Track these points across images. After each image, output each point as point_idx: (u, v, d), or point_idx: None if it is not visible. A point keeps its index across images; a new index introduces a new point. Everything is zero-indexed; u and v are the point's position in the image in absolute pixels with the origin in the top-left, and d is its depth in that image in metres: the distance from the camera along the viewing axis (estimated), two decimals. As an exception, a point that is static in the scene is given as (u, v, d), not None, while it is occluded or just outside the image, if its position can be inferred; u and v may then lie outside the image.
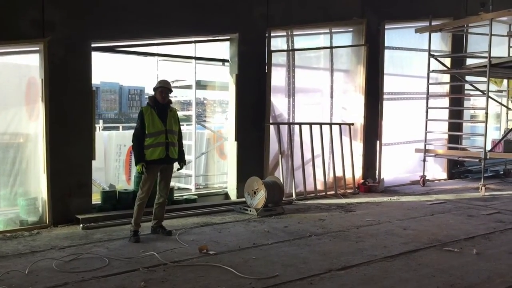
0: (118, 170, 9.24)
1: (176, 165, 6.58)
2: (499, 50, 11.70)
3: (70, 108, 6.91)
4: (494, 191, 10.14)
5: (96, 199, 7.43)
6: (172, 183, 9.00)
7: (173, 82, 9.58)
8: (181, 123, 6.79)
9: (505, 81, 12.31)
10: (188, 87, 9.28)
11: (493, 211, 8.05)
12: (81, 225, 6.64)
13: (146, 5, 7.50)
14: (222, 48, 8.85)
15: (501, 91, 12.52)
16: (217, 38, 8.63)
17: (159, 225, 6.43)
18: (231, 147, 8.78)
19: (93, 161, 7.23)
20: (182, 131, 6.77)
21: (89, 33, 7.02)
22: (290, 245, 5.97)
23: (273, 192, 7.77)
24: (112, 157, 9.23)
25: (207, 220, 7.24)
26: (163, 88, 6.28)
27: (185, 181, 9.52)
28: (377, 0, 10.21)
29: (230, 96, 8.74)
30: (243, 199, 8.03)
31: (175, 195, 8.11)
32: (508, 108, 12.67)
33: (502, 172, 12.26)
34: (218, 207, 7.98)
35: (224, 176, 9.39)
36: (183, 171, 9.56)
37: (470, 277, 4.87)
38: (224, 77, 9.05)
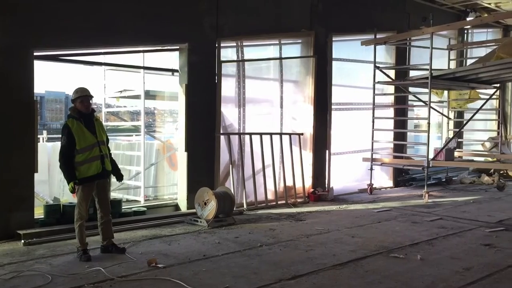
0: (63, 183, 8.91)
1: (110, 179, 6.29)
2: (440, 63, 12.27)
3: (11, 119, 6.62)
4: (437, 198, 10.54)
5: (39, 213, 7.12)
6: (120, 195, 8.84)
7: (121, 92, 9.43)
8: (130, 134, 6.63)
9: (445, 92, 12.88)
10: (137, 97, 9.12)
11: (436, 218, 8.35)
12: (23, 241, 6.33)
13: (91, 14, 7.31)
14: (172, 58, 8.77)
15: (442, 101, 13.08)
16: (166, 47, 8.54)
17: (111, 243, 6.03)
18: (181, 158, 8.68)
19: (36, 174, 6.94)
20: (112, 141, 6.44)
21: (31, 41, 6.76)
22: (241, 255, 5.95)
23: (223, 203, 7.73)
24: (56, 169, 8.88)
25: (156, 232, 7.10)
26: (85, 96, 5.84)
27: (134, 192, 9.32)
28: (325, 13, 10.45)
29: (180, 106, 8.66)
30: (194, 210, 7.94)
31: (123, 207, 7.90)
32: (448, 118, 13.25)
33: (444, 180, 12.76)
34: (168, 219, 7.85)
35: (174, 187, 9.26)
36: (132, 182, 9.40)
37: (414, 283, 5.02)
38: (174, 87, 8.96)
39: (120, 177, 6.23)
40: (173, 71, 8.79)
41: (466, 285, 4.96)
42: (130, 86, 9.26)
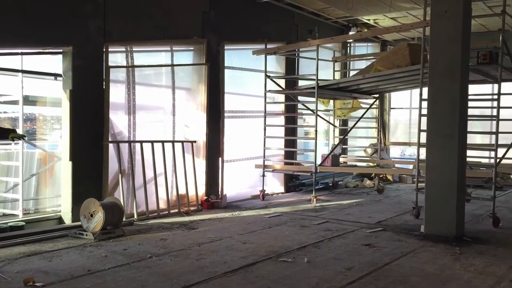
0: None
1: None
2: (326, 74, 12.97)
3: None
4: (324, 202, 11.08)
5: None
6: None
7: (-5, 96, 8.65)
8: (8, 142, 6.10)
9: (331, 101, 13.62)
10: (14, 102, 8.42)
11: (323, 221, 8.76)
12: None
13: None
14: (55, 62, 8.25)
15: (328, 110, 13.81)
16: (48, 50, 8.02)
17: None
18: (65, 168, 8.19)
19: None
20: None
21: None
22: (129, 268, 5.73)
23: (112, 214, 7.41)
24: None
25: (36, 248, 6.59)
26: None
27: (12, 206, 8.56)
28: (217, 21, 10.53)
29: (63, 113, 8.17)
30: (79, 223, 7.51)
31: (-3, 222, 7.24)
32: (334, 126, 14.03)
33: (331, 184, 13.46)
34: (49, 233, 7.32)
35: (58, 199, 8.69)
36: (9, 195, 8.66)
37: (301, 285, 5.20)
38: (57, 93, 8.43)
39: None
40: (56, 75, 8.28)
41: (348, 284, 5.25)
42: (6, 90, 8.52)
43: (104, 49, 8.44)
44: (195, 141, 10.14)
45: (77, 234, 7.26)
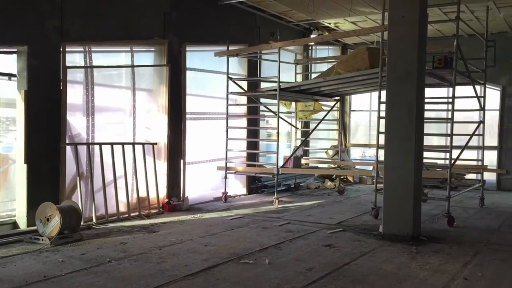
0: None
1: None
2: (288, 76, 13.09)
3: None
4: (286, 203, 11.16)
5: None
6: None
7: None
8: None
9: (293, 103, 13.75)
10: (-34, 103, 8.12)
11: (284, 222, 8.82)
12: None
13: None
14: (9, 61, 7.97)
15: (290, 112, 13.93)
16: (1, 50, 7.75)
17: None
18: (20, 171, 7.93)
19: None
20: None
21: None
22: (87, 273, 5.60)
23: (69, 218, 7.22)
24: None
25: (-12, 255, 6.36)
26: None
27: (-37, 211, 8.23)
28: (178, 22, 10.45)
29: (18, 114, 7.91)
30: (35, 228, 7.28)
31: None
32: (296, 128, 14.16)
33: (293, 186, 13.57)
34: (3, 238, 7.06)
35: (13, 203, 8.40)
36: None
37: (262, 286, 5.22)
38: (11, 93, 8.15)
39: None
40: (10, 75, 8.01)
41: (308, 285, 5.31)
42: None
43: (61, 49, 8.23)
44: (156, 143, 10.01)
45: (32, 239, 7.03)
